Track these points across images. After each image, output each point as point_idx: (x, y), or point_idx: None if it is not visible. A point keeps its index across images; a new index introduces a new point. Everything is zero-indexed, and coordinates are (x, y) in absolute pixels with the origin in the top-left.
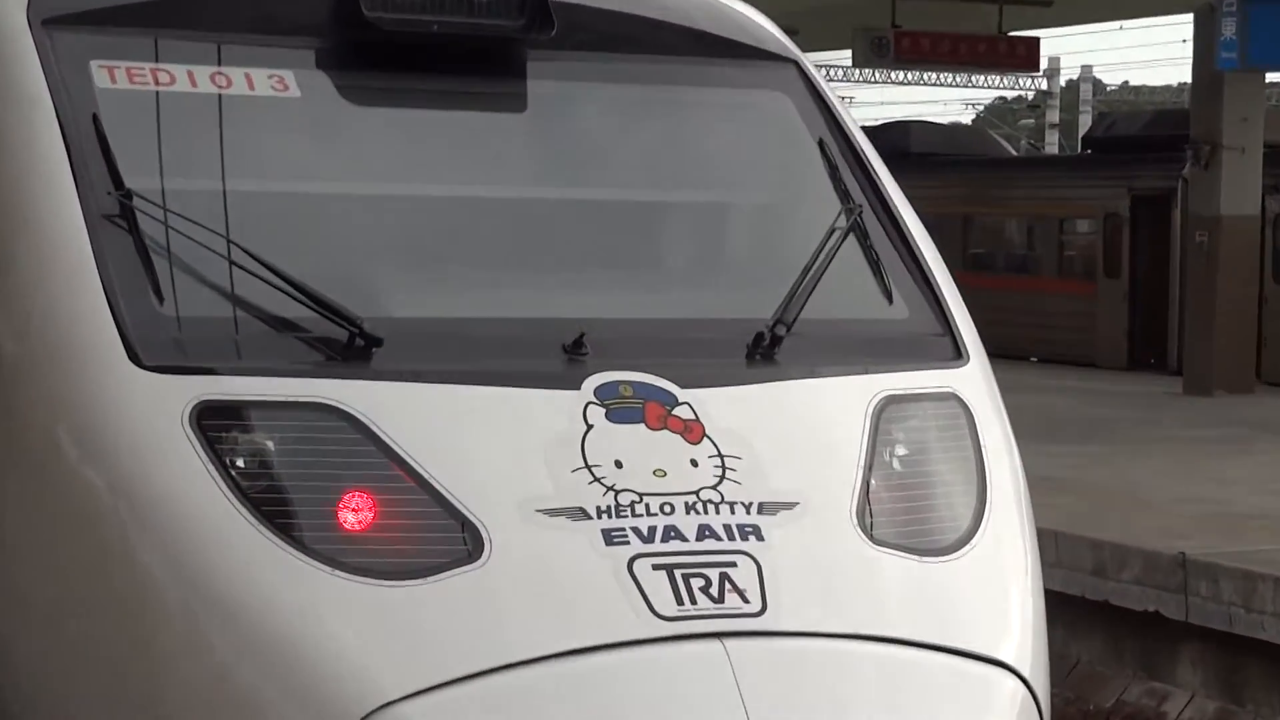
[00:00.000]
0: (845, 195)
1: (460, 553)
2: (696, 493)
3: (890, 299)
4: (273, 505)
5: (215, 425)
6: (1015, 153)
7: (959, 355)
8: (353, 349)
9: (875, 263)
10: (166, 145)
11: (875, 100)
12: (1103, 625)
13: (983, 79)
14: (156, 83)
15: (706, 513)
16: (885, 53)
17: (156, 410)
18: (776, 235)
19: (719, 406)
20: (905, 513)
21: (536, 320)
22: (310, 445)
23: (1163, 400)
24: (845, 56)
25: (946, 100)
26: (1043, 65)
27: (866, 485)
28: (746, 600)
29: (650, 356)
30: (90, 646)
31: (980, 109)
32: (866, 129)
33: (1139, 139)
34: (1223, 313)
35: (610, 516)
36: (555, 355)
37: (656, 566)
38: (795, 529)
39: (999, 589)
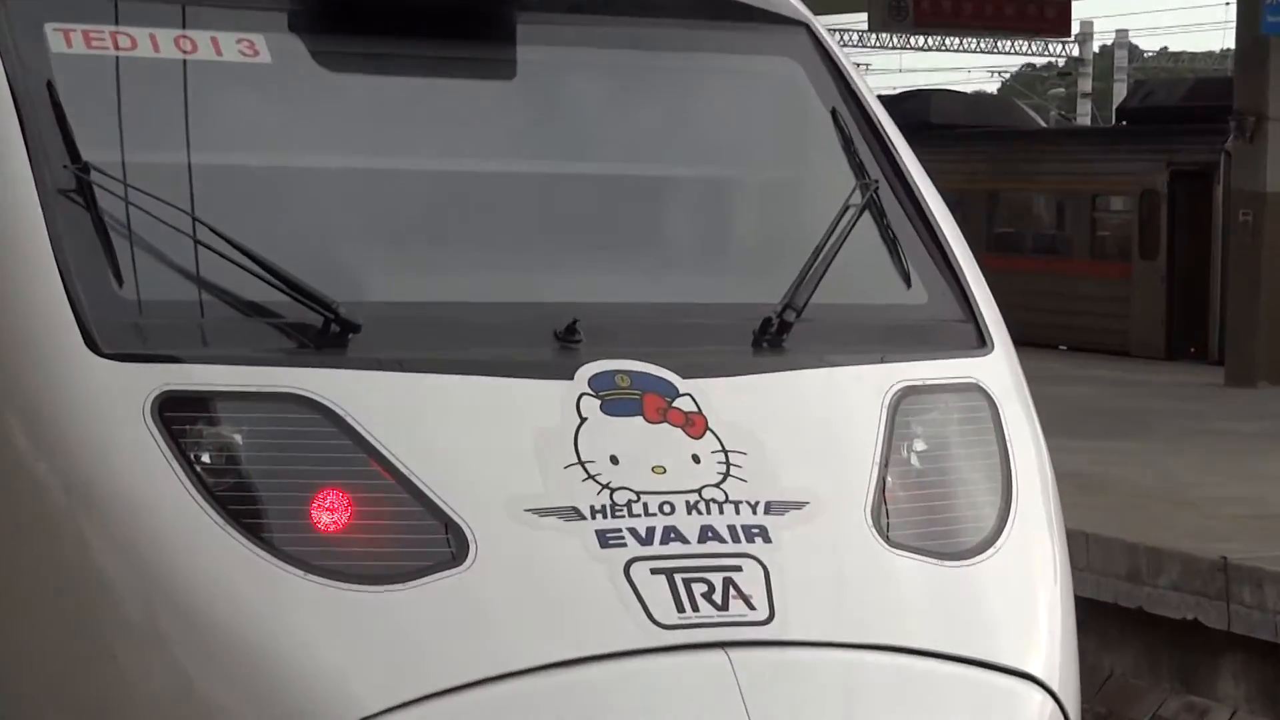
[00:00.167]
0: (860, 170)
1: (443, 555)
2: (699, 491)
3: (908, 282)
4: (240, 504)
5: (179, 417)
6: (1044, 124)
7: (982, 343)
8: (327, 335)
9: (892, 243)
10: (127, 115)
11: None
12: (1138, 634)
13: (1009, 44)
14: (116, 47)
15: (709, 513)
16: (904, 16)
17: (115, 401)
18: (785, 213)
19: (723, 398)
20: (924, 513)
21: (526, 304)
22: (281, 439)
23: (1203, 392)
24: (861, 20)
25: (970, 68)
26: (1074, 29)
27: (882, 483)
28: (752, 607)
29: (649, 344)
30: (43, 658)
31: (1007, 77)
32: (883, 98)
33: (1178, 109)
34: (1268, 297)
35: (605, 516)
36: (546, 342)
37: (655, 571)
38: (805, 530)
39: (1025, 595)
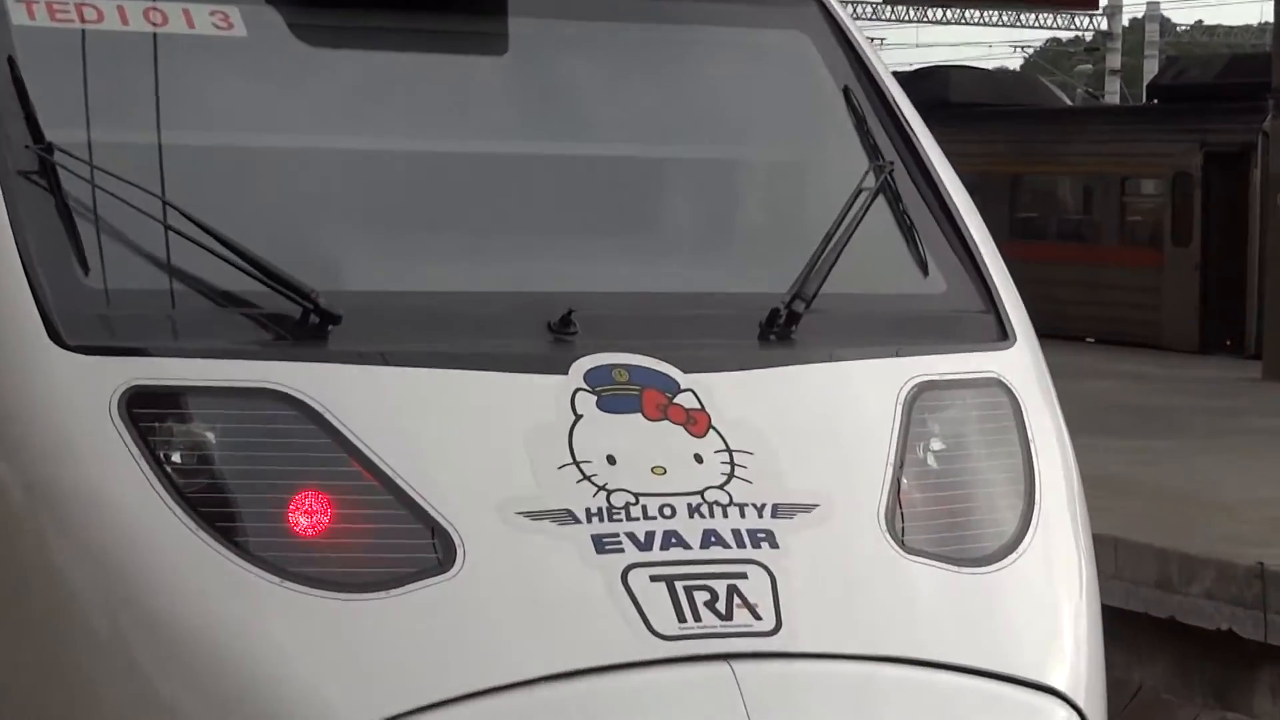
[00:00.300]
0: (874, 151)
1: (429, 561)
2: (701, 493)
3: (925, 271)
4: (213, 506)
5: (147, 414)
6: (1070, 103)
7: (1004, 335)
8: (306, 327)
9: (908, 229)
10: (94, 92)
11: (909, 42)
12: (1169, 646)
13: (1033, 18)
14: (82, 19)
15: (713, 516)
16: None
17: (81, 397)
18: (794, 197)
19: (727, 394)
20: (941, 516)
21: (518, 294)
22: (257, 437)
23: (1239, 387)
24: None
25: (991, 43)
26: (1103, 1)
27: (897, 485)
28: (758, 617)
29: (648, 336)
30: (1, 667)
31: (1030, 53)
32: (899, 75)
33: (1213, 87)
34: None
35: (602, 520)
36: (539, 334)
37: (655, 578)
38: (814, 535)
39: (1049, 604)
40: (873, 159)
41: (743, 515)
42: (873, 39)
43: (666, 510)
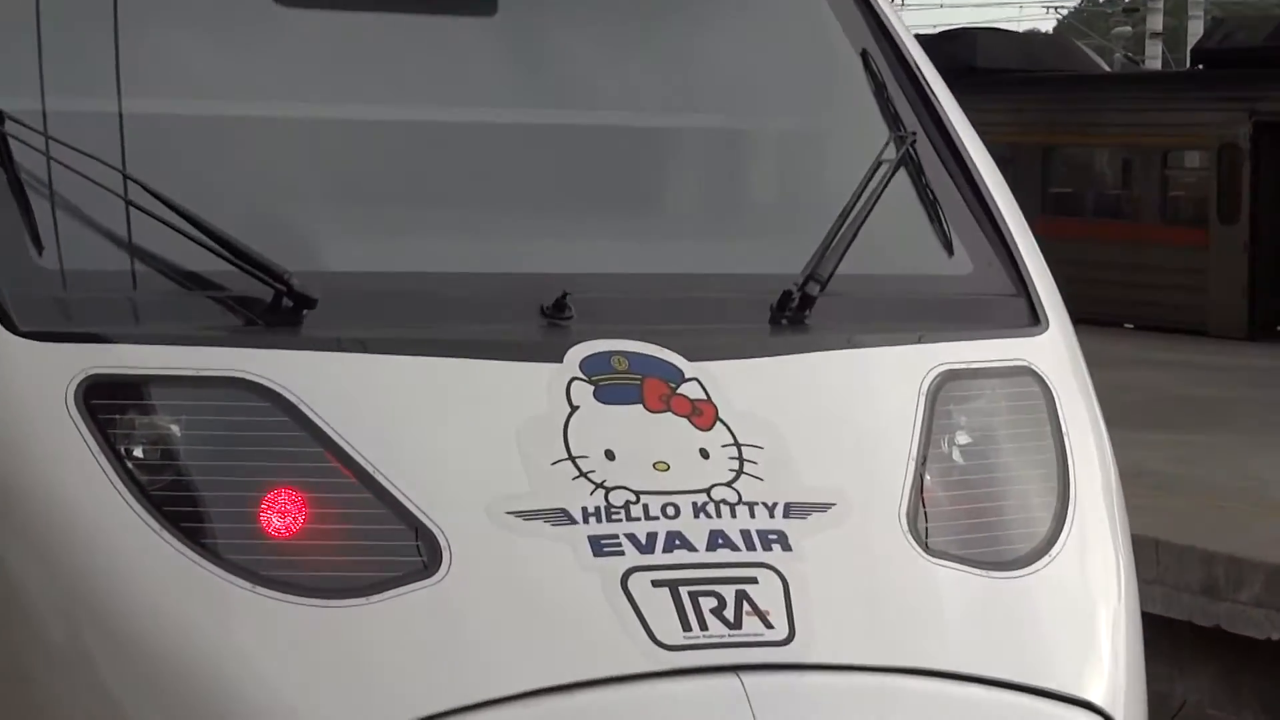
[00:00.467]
0: (894, 120)
1: (412, 565)
2: (707, 491)
3: (950, 250)
4: (178, 505)
5: (107, 405)
6: (1108, 68)
7: (1035, 320)
8: (279, 311)
9: (931, 205)
10: (48, 54)
11: (933, 2)
12: (1215, 657)
13: None
14: None
15: (720, 516)
16: None
17: (34, 387)
18: (808, 170)
19: (735, 383)
20: (968, 516)
21: (508, 275)
22: (225, 430)
23: None
24: None
25: (1023, 2)
26: None
27: (920, 482)
28: (769, 625)
29: (650, 321)
30: None
31: (1064, 13)
32: (921, 38)
33: (1263, 51)
34: None
35: (600, 520)
36: (531, 319)
37: (657, 583)
38: (830, 536)
39: (1084, 611)
40: (893, 129)
41: (752, 515)
42: None
43: (670, 510)
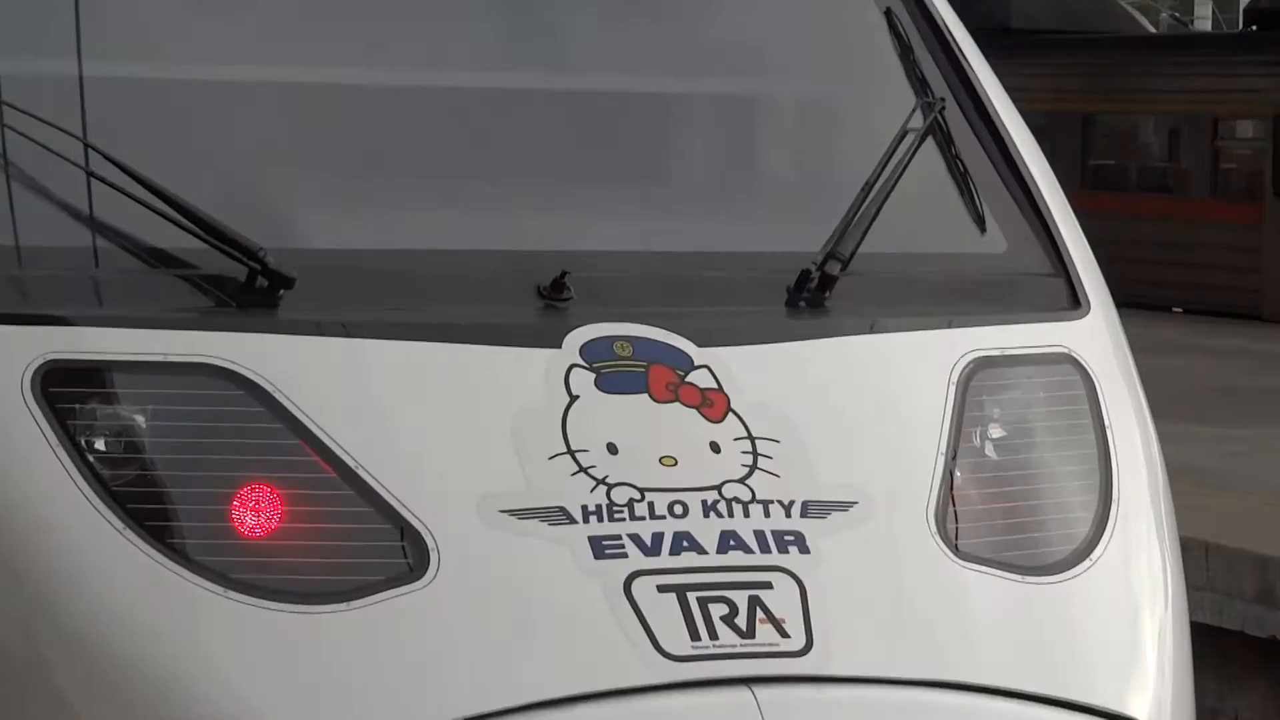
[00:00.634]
0: (922, 86)
1: (397, 568)
2: (718, 488)
3: (982, 227)
4: (143, 502)
5: (66, 393)
6: (1153, 29)
7: (1075, 303)
8: (253, 292)
9: (962, 177)
10: (2, 15)
11: None
12: (1268, 670)
13: None
14: None
15: (732, 515)
16: None
17: None
18: (829, 140)
19: (749, 371)
20: (1001, 516)
21: (502, 253)
22: (195, 421)
23: None
24: None
25: None
26: None
27: (949, 479)
28: (785, 634)
29: (656, 303)
30: None
31: None
32: None
33: None
34: None
35: (601, 519)
36: (527, 301)
37: (663, 588)
38: (852, 538)
39: (1127, 620)
40: (920, 95)
41: (767, 514)
42: None
43: (677, 508)
